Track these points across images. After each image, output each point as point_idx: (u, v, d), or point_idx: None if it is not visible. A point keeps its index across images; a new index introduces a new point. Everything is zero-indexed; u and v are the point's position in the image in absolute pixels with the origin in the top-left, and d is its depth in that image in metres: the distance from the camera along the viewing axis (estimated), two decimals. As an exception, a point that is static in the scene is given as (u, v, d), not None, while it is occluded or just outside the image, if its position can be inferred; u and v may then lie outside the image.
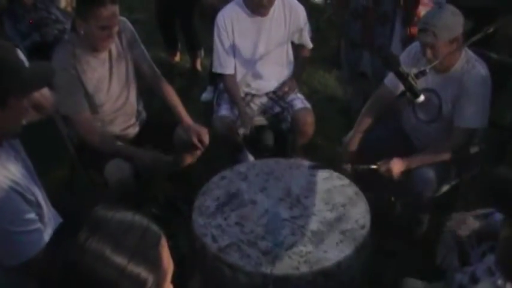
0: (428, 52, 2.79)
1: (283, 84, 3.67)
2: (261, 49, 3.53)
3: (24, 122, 1.85)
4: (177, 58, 5.37)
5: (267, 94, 3.68)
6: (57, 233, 1.14)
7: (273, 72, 3.63)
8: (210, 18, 3.86)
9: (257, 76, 3.61)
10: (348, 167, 3.00)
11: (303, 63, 3.86)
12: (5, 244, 1.71)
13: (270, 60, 3.58)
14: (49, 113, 2.32)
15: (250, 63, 3.56)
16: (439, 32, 2.72)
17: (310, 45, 3.73)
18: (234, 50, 3.53)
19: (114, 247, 1.07)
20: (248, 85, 3.64)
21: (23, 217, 1.74)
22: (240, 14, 3.47)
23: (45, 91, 2.14)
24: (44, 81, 1.89)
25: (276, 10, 3.49)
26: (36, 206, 1.83)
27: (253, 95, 3.67)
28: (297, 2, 3.60)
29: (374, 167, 2.90)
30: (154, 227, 1.16)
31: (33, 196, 1.81)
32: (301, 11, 3.59)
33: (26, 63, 1.78)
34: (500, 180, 1.94)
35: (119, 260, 1.06)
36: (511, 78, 3.37)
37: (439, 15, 2.75)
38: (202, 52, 5.14)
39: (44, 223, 1.85)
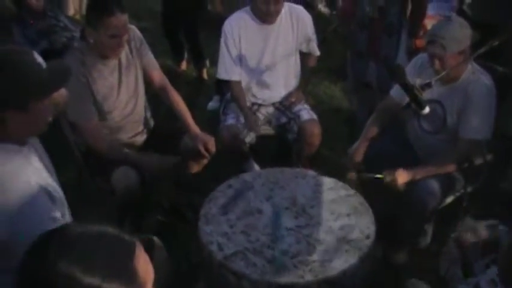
0: (436, 63, 2.81)
1: (289, 94, 3.68)
2: (268, 58, 3.55)
3: (50, 120, 1.87)
4: (184, 67, 5.41)
5: (273, 104, 3.70)
6: (31, 248, 1.12)
7: (279, 81, 3.65)
8: (216, 27, 3.89)
9: (264, 85, 3.63)
10: (353, 175, 3.02)
11: (309, 73, 3.88)
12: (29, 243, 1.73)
13: (277, 69, 3.60)
14: (63, 110, 2.34)
15: (257, 72, 3.58)
16: (447, 44, 2.74)
17: (317, 52, 3.74)
18: (240, 58, 3.55)
19: (84, 269, 1.06)
20: (254, 95, 3.66)
21: (50, 215, 1.74)
22: (248, 22, 3.49)
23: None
24: (63, 81, 1.91)
25: (283, 19, 3.51)
26: (61, 204, 1.84)
27: (260, 105, 3.69)
28: (304, 10, 3.63)
29: (379, 176, 2.91)
30: (127, 237, 1.15)
31: (57, 193, 1.83)
32: (308, 20, 3.61)
33: (44, 65, 1.81)
34: (503, 193, 1.96)
35: (92, 281, 1.05)
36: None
37: (448, 27, 2.77)
38: (208, 62, 5.18)
39: (66, 221, 1.86)
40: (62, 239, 1.10)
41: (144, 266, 1.15)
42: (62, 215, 1.83)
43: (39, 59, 1.81)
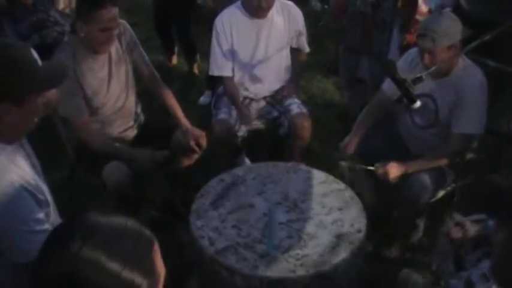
0: (426, 57, 2.81)
1: (281, 88, 3.68)
2: (259, 53, 3.55)
3: (37, 119, 1.86)
4: (174, 61, 5.39)
5: (264, 98, 3.70)
6: (50, 241, 1.14)
7: (271, 76, 3.65)
8: (208, 22, 3.88)
9: (255, 80, 3.62)
10: (345, 165, 3.02)
11: (300, 68, 3.88)
12: (14, 242, 1.72)
13: (269, 64, 3.59)
14: (54, 109, 2.33)
15: (249, 67, 3.58)
16: (438, 38, 2.74)
17: (307, 49, 3.75)
18: (232, 54, 3.54)
19: (108, 254, 1.08)
20: (246, 89, 3.65)
21: (33, 217, 1.74)
22: (239, 17, 3.49)
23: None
24: (59, 80, 1.90)
25: (274, 14, 3.51)
26: (45, 206, 1.83)
27: (251, 99, 3.68)
28: (295, 6, 3.63)
29: (371, 168, 2.91)
30: (147, 233, 1.17)
31: (43, 195, 1.82)
32: (299, 15, 3.61)
33: (39, 62, 1.79)
34: (494, 188, 1.96)
35: (114, 266, 1.07)
36: (508, 85, 3.39)
37: (439, 21, 2.78)
38: (199, 57, 5.16)
39: (50, 223, 1.85)
40: (86, 225, 1.12)
41: (160, 262, 1.18)
42: (46, 215, 1.82)
43: (36, 56, 1.79)
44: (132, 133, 3.28)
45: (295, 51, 3.73)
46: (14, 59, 1.73)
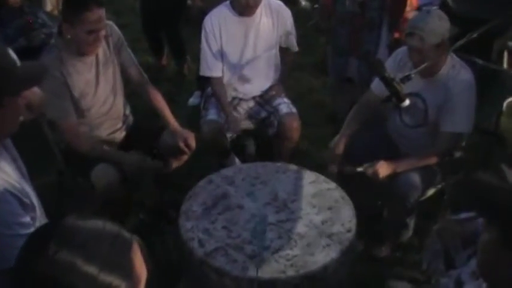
0: (415, 56, 2.82)
1: (270, 88, 3.68)
2: (248, 52, 3.54)
3: (20, 120, 1.84)
4: (164, 62, 5.36)
5: (253, 98, 3.69)
6: (26, 245, 1.13)
7: (260, 75, 3.65)
8: (197, 22, 3.86)
9: (244, 80, 3.62)
10: (334, 168, 3.02)
11: (289, 67, 3.88)
12: None
13: (258, 63, 3.59)
14: (39, 111, 2.31)
15: (238, 67, 3.57)
16: (426, 36, 2.75)
17: (295, 48, 3.75)
18: (221, 53, 3.54)
19: (84, 257, 1.06)
20: (235, 89, 3.65)
21: (18, 221, 1.72)
22: (228, 17, 3.48)
23: (36, 90, 2.13)
24: (37, 79, 1.88)
25: (263, 13, 3.51)
26: (31, 210, 1.81)
27: (240, 99, 3.68)
28: (283, 5, 3.62)
29: (360, 169, 2.91)
30: (126, 234, 1.16)
31: (28, 199, 1.80)
32: (287, 14, 3.61)
33: (18, 63, 1.78)
34: (481, 185, 1.96)
35: (90, 269, 1.06)
36: (496, 83, 3.41)
37: (426, 20, 2.78)
38: (188, 57, 5.14)
39: (36, 227, 1.83)
40: (62, 229, 1.11)
41: (140, 264, 1.16)
42: (32, 219, 1.80)
43: (14, 56, 1.77)
44: (120, 135, 3.26)
45: (283, 51, 3.73)
46: None
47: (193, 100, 4.72)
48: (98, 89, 3.03)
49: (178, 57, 5.17)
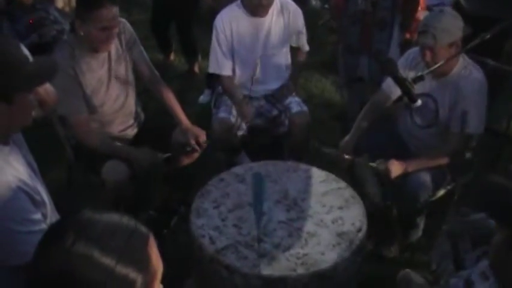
0: (427, 55, 2.81)
1: (281, 86, 3.69)
2: (259, 51, 3.55)
3: (32, 116, 1.85)
4: (172, 57, 5.37)
5: (265, 97, 3.70)
6: (44, 238, 1.14)
7: (272, 74, 3.65)
8: (208, 20, 3.86)
9: (255, 79, 3.62)
10: (348, 159, 3.03)
11: (300, 66, 3.88)
12: (10, 244, 1.70)
13: (269, 62, 3.60)
14: (52, 109, 2.32)
15: (249, 66, 3.58)
16: (438, 35, 2.74)
17: (306, 48, 3.76)
18: (232, 53, 3.55)
19: (101, 249, 1.07)
20: (246, 88, 3.65)
21: (29, 217, 1.73)
22: (240, 16, 3.49)
23: (48, 87, 2.14)
24: (48, 75, 1.88)
25: (275, 13, 3.52)
26: (42, 206, 1.82)
27: (251, 97, 3.68)
28: (295, 5, 3.63)
29: (373, 164, 2.92)
30: (142, 228, 1.17)
31: (39, 196, 1.81)
32: (298, 14, 3.62)
33: (30, 58, 1.79)
34: (492, 187, 1.96)
35: (107, 261, 1.07)
36: (507, 84, 3.40)
37: (440, 18, 2.78)
38: (200, 56, 5.16)
39: (48, 223, 1.85)
40: (79, 222, 1.12)
41: (156, 258, 1.17)
42: (43, 216, 1.82)
43: (26, 52, 1.78)
44: (132, 132, 3.27)
45: (294, 50, 3.74)
46: (1, 57, 1.71)
47: (203, 98, 4.74)
48: (110, 86, 3.04)
49: (190, 55, 5.18)
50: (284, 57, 3.67)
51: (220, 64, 3.56)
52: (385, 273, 3.03)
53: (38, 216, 1.78)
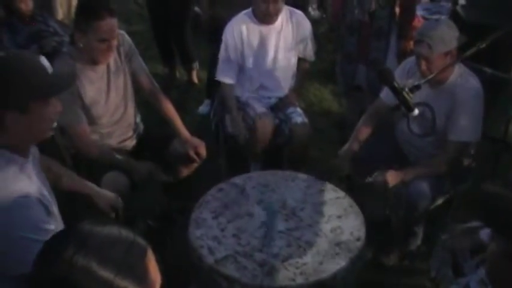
0: (423, 64, 2.83)
1: (285, 96, 3.72)
2: (268, 61, 3.59)
3: (53, 127, 1.87)
4: (177, 74, 5.36)
5: (267, 105, 3.72)
6: (44, 249, 1.15)
7: (279, 83, 3.69)
8: (206, 30, 3.88)
9: (263, 87, 3.65)
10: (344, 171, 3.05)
11: (304, 77, 3.91)
12: (21, 252, 1.71)
13: (277, 71, 3.64)
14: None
15: (257, 74, 3.62)
16: (434, 44, 2.76)
17: (312, 58, 3.79)
18: (240, 61, 3.59)
19: (100, 261, 1.09)
20: (252, 96, 3.68)
21: (45, 227, 1.74)
22: (249, 25, 3.54)
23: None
24: (66, 85, 1.90)
25: (283, 23, 3.56)
26: (54, 219, 1.84)
27: (255, 105, 3.68)
28: (303, 15, 3.68)
29: (369, 179, 2.92)
30: (141, 241, 1.18)
31: (52, 208, 1.84)
32: (307, 25, 3.66)
33: (50, 69, 1.80)
34: (489, 196, 1.96)
35: (106, 274, 1.08)
36: (503, 91, 3.41)
37: (435, 28, 2.79)
38: (197, 64, 5.16)
39: None
40: (79, 234, 1.13)
41: (154, 270, 1.18)
42: (56, 228, 1.83)
43: (46, 63, 1.80)
44: (131, 143, 3.28)
45: (299, 60, 3.76)
46: (17, 69, 1.74)
47: (202, 108, 4.74)
48: (108, 98, 3.06)
49: (187, 63, 5.18)
50: (291, 67, 3.70)
51: (225, 72, 3.61)
52: (384, 281, 3.05)
53: (52, 227, 1.79)
